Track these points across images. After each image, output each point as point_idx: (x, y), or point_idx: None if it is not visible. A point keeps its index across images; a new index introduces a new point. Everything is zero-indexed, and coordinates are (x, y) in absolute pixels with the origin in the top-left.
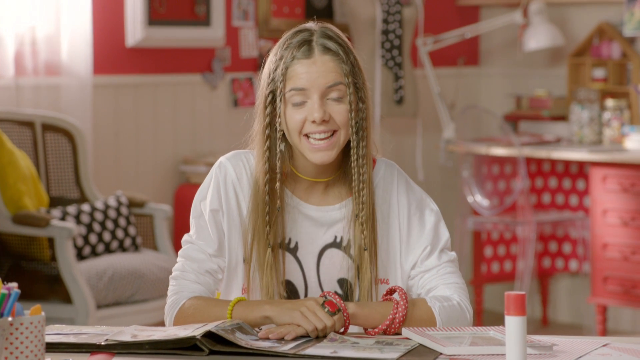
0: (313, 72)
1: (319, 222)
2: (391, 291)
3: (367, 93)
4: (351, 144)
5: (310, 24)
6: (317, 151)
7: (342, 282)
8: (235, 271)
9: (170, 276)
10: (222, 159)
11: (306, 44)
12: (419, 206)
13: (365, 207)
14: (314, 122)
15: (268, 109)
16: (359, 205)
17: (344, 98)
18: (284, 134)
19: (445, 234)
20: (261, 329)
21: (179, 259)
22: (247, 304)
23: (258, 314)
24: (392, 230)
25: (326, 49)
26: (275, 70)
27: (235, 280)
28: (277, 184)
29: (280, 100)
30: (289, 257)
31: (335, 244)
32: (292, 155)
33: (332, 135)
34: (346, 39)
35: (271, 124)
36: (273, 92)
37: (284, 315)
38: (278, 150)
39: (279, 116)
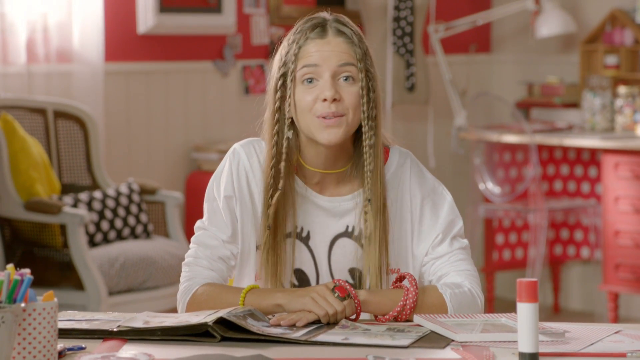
0: (326, 50)
1: (331, 212)
2: (401, 278)
3: (378, 84)
4: (363, 129)
5: (324, 13)
6: (325, 128)
7: (353, 272)
8: (248, 258)
9: (183, 262)
10: (235, 145)
11: (320, 27)
12: (432, 195)
13: (373, 196)
14: (325, 100)
15: (278, 93)
16: (365, 194)
17: (356, 82)
18: (292, 122)
19: (458, 222)
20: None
21: (191, 245)
22: (259, 291)
23: (270, 301)
24: (404, 220)
25: (340, 32)
26: (288, 53)
27: (248, 267)
28: (282, 164)
29: (291, 80)
30: (300, 245)
31: (347, 234)
32: (300, 147)
33: (341, 115)
34: (359, 30)
35: (280, 108)
36: (284, 76)
37: (295, 302)
38: (285, 137)
39: (289, 97)
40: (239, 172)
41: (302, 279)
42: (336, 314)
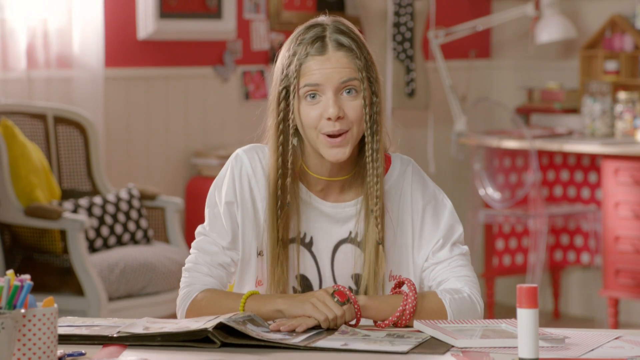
0: (327, 68)
1: (335, 218)
2: (400, 284)
3: (380, 87)
4: (366, 138)
5: (323, 18)
6: (332, 147)
7: (356, 278)
8: (249, 264)
9: (183, 268)
10: (238, 150)
11: (319, 40)
12: (433, 202)
13: (379, 201)
14: (329, 119)
15: (281, 105)
16: (374, 199)
17: (359, 94)
18: (297, 130)
19: (458, 229)
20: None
21: (192, 250)
22: (259, 297)
23: (270, 307)
24: (406, 227)
25: (340, 45)
26: (289, 66)
27: (249, 272)
28: (288, 179)
29: (294, 97)
30: (304, 251)
31: (349, 240)
32: (304, 154)
33: (345, 131)
34: (359, 33)
35: (284, 119)
36: (286, 88)
37: (295, 307)
38: (290, 145)
39: (292, 112)
40: (242, 178)
41: (305, 285)
42: (336, 319)
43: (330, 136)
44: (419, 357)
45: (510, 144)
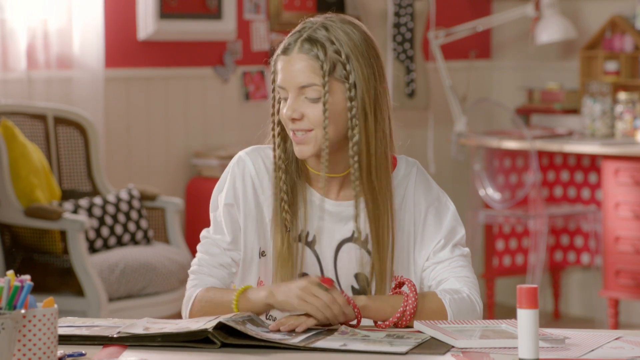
0: (288, 71)
1: (337, 216)
2: (400, 284)
3: (361, 92)
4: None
5: (317, 17)
6: (296, 144)
7: (359, 277)
8: (251, 265)
9: (189, 270)
10: (240, 153)
11: (292, 40)
12: (436, 203)
13: (369, 201)
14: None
15: (275, 98)
16: (356, 201)
17: (320, 98)
18: None
19: (460, 231)
20: (271, 316)
21: (197, 253)
22: (246, 298)
23: (259, 302)
24: (408, 227)
25: (305, 48)
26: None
27: (251, 273)
28: (289, 174)
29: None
30: (306, 250)
31: (352, 239)
32: None
33: (306, 131)
34: (348, 32)
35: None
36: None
37: (283, 304)
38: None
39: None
40: (244, 180)
41: None
42: (331, 308)
43: (294, 133)
44: (419, 357)
45: (511, 144)
